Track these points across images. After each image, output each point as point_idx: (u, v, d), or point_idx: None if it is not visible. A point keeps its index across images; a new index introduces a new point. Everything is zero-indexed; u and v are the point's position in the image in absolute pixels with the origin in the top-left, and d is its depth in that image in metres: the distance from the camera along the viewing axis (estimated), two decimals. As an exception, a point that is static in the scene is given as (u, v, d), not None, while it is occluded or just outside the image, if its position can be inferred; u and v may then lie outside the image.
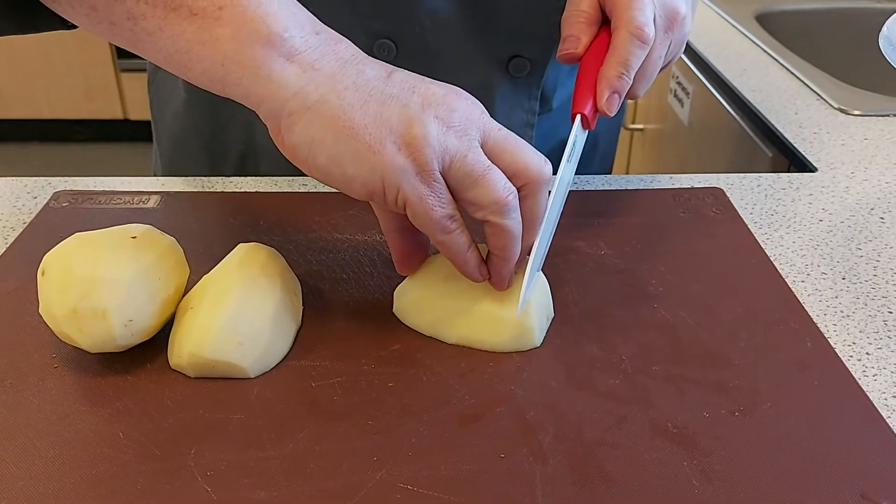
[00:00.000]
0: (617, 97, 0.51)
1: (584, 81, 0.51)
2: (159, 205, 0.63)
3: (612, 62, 0.50)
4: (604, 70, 0.50)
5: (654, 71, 0.53)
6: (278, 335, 0.46)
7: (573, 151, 0.50)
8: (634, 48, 0.50)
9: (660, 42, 0.52)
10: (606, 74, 0.50)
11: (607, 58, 0.50)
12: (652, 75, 0.54)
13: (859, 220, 0.64)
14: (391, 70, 0.43)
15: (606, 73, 0.50)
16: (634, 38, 0.49)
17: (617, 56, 0.50)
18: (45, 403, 0.44)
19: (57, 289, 0.43)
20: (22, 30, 0.48)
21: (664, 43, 0.52)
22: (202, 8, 0.40)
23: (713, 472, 0.40)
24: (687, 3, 0.54)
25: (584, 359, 0.47)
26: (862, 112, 0.86)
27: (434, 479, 0.39)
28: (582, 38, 0.52)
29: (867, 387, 0.46)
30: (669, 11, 0.52)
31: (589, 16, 0.53)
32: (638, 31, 0.49)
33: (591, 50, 0.52)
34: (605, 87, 0.50)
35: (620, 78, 0.50)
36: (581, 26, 0.53)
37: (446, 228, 0.43)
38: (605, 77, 0.50)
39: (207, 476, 0.39)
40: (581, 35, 0.52)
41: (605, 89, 0.50)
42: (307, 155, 0.41)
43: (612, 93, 0.50)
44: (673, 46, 0.54)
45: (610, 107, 0.51)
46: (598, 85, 0.50)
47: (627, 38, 0.49)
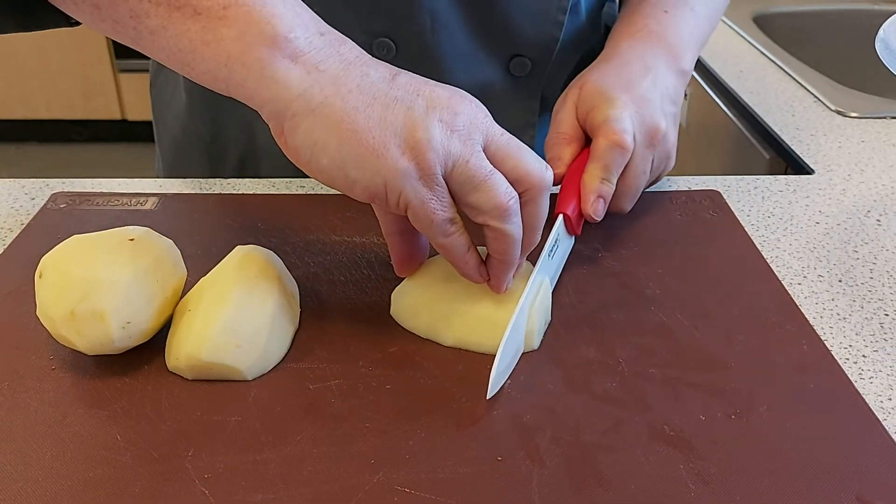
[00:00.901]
0: (602, 202, 0.54)
1: (567, 189, 0.54)
2: (157, 206, 0.63)
3: (592, 169, 0.54)
4: (585, 177, 0.54)
5: (639, 186, 0.57)
6: (276, 337, 0.46)
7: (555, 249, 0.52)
8: (614, 154, 0.53)
9: (641, 157, 0.55)
10: (587, 180, 0.54)
11: (588, 165, 0.54)
12: (637, 190, 0.57)
13: (856, 223, 0.65)
14: (396, 72, 0.43)
15: (587, 179, 0.54)
16: (614, 145, 0.53)
17: (597, 162, 0.53)
18: (42, 405, 0.44)
19: (54, 291, 0.43)
20: (24, 27, 0.48)
21: (646, 158, 0.56)
22: (206, 7, 0.40)
23: (709, 476, 0.40)
24: (667, 118, 0.57)
25: (582, 361, 0.47)
26: (859, 114, 0.86)
27: (431, 481, 0.39)
28: (563, 157, 0.56)
29: (863, 389, 0.46)
30: (649, 128, 0.55)
31: (569, 136, 0.57)
32: (616, 138, 0.53)
33: (575, 164, 0.55)
34: (588, 193, 0.53)
35: (603, 182, 0.53)
36: (562, 147, 0.57)
37: (447, 231, 0.43)
38: (587, 183, 0.54)
39: (205, 479, 0.39)
40: (562, 154, 0.56)
41: (589, 194, 0.53)
42: (310, 157, 0.41)
43: (597, 197, 0.54)
44: (657, 161, 0.57)
45: (595, 211, 0.54)
46: (581, 190, 0.54)
47: (606, 145, 0.53)
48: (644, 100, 0.56)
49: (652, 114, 0.56)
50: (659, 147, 0.56)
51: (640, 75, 0.58)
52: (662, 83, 0.59)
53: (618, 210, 0.56)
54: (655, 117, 0.55)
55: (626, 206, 0.57)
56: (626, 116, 0.54)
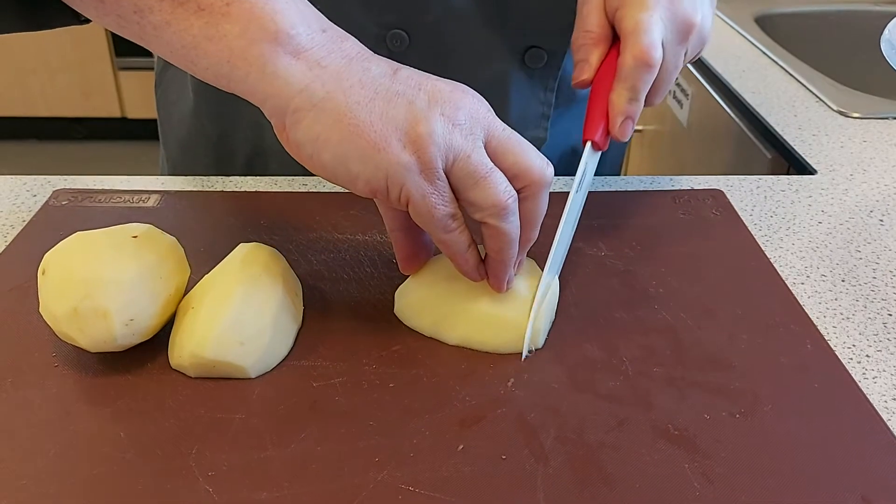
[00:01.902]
0: (630, 122, 0.51)
1: (595, 106, 0.51)
2: (159, 204, 0.62)
3: (620, 88, 0.50)
4: (612, 97, 0.50)
5: (670, 80, 0.53)
6: (279, 335, 0.46)
7: (583, 179, 0.50)
8: (641, 73, 0.49)
9: (673, 54, 0.51)
10: (615, 102, 0.50)
11: (615, 83, 0.50)
12: (668, 85, 0.53)
13: (858, 223, 0.65)
14: (397, 67, 0.43)
15: (615, 100, 0.50)
16: (641, 63, 0.49)
17: (624, 82, 0.50)
18: (45, 403, 0.43)
19: (57, 288, 0.43)
20: (32, 26, 0.48)
21: (678, 54, 0.52)
22: (210, 3, 0.40)
23: (714, 475, 0.40)
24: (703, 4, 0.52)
25: (586, 360, 0.47)
26: (861, 115, 0.86)
27: (435, 480, 0.39)
28: (591, 60, 0.52)
29: (867, 389, 0.46)
30: (681, 24, 0.51)
31: (596, 35, 0.52)
32: (644, 56, 0.49)
33: (602, 71, 0.52)
34: (616, 115, 0.50)
35: (630, 103, 0.50)
36: (589, 48, 0.52)
37: (447, 227, 0.43)
38: (614, 104, 0.50)
39: (209, 476, 0.39)
40: (589, 57, 0.52)
41: (616, 116, 0.50)
42: (312, 152, 0.41)
43: (625, 119, 0.50)
44: (690, 51, 0.53)
45: (623, 133, 0.51)
46: (609, 112, 0.50)
47: (633, 63, 0.49)
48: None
49: (686, 7, 0.51)
50: (693, 39, 0.52)
51: None
52: None
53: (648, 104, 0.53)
54: (689, 10, 0.51)
55: (656, 101, 0.53)
56: (656, 22, 0.50)
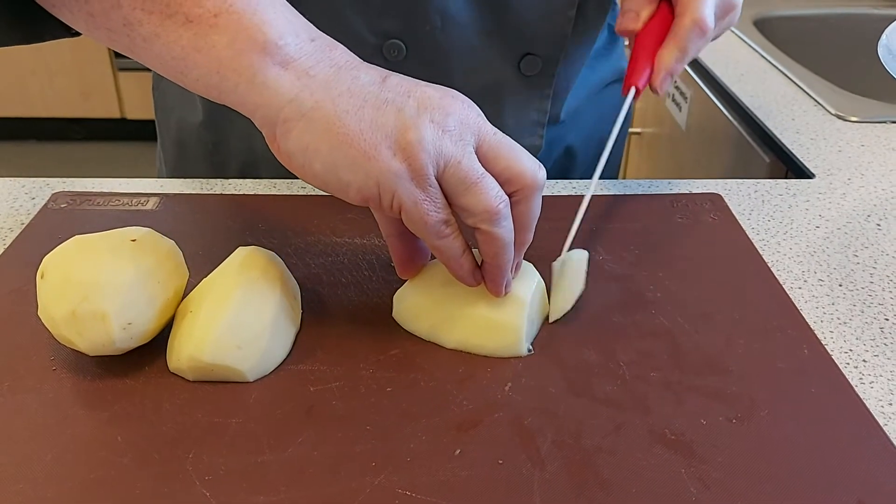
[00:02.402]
0: (670, 79, 0.54)
1: (641, 56, 0.54)
2: (158, 207, 0.63)
3: (672, 46, 0.53)
4: (663, 53, 0.53)
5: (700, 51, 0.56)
6: (277, 339, 0.46)
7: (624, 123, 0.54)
8: (695, 37, 0.53)
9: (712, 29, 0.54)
10: (665, 58, 0.53)
11: (668, 41, 0.53)
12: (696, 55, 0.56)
13: (856, 227, 0.65)
14: (386, 74, 0.43)
15: (665, 56, 0.53)
16: (697, 28, 0.52)
17: (678, 42, 0.53)
18: (43, 406, 0.43)
19: (56, 292, 0.43)
20: (27, 39, 0.48)
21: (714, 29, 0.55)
22: (198, 15, 0.40)
23: (711, 480, 0.40)
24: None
25: (583, 365, 0.47)
26: (859, 119, 0.86)
27: (432, 484, 0.39)
28: (641, 13, 0.55)
29: (864, 394, 0.46)
30: (726, 3, 0.54)
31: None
32: (702, 22, 0.52)
33: (649, 26, 0.55)
34: (662, 69, 0.53)
35: (678, 62, 0.53)
36: (641, 1, 0.55)
37: (441, 233, 0.43)
38: (663, 59, 0.53)
39: (206, 480, 0.39)
40: (640, 10, 0.55)
41: (662, 70, 0.53)
42: (303, 162, 0.41)
43: (668, 75, 0.54)
44: (720, 29, 0.56)
45: (663, 87, 0.54)
46: (656, 65, 0.54)
47: (690, 27, 0.52)
48: None
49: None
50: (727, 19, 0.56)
51: None
52: None
53: None
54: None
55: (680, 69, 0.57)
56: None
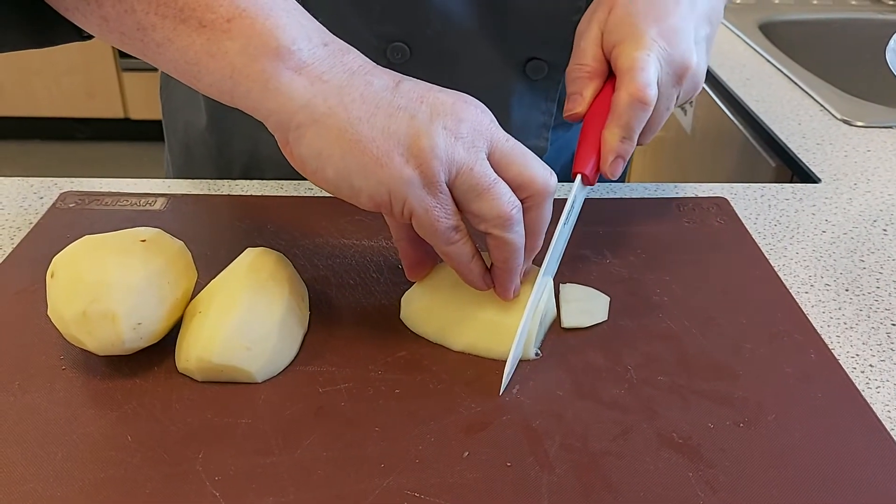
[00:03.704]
0: (621, 161, 0.51)
1: (587, 140, 0.51)
2: (166, 207, 0.63)
3: (613, 126, 0.50)
4: (605, 135, 0.50)
5: (661, 122, 0.53)
6: (286, 340, 0.46)
7: (571, 211, 0.50)
8: (636, 111, 0.49)
9: (667, 96, 0.51)
10: (608, 140, 0.50)
11: (608, 121, 0.50)
12: (658, 125, 0.53)
13: (862, 232, 0.65)
14: (399, 79, 0.43)
15: (608, 138, 0.50)
16: (635, 102, 0.49)
17: (618, 120, 0.50)
18: (52, 406, 0.44)
19: (66, 291, 0.44)
20: (39, 44, 0.48)
21: (671, 96, 0.52)
22: (211, 20, 0.40)
23: (718, 483, 0.40)
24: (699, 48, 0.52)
25: (590, 368, 0.47)
26: (865, 124, 0.86)
27: (440, 486, 0.39)
28: (585, 94, 0.52)
29: (870, 399, 0.46)
30: (678, 67, 0.51)
31: (592, 69, 0.52)
32: (639, 94, 0.49)
33: (596, 104, 0.52)
34: (608, 152, 0.50)
35: (623, 142, 0.50)
36: (584, 82, 0.52)
37: (450, 239, 0.43)
38: (607, 141, 0.50)
39: (215, 481, 0.39)
40: (584, 91, 0.52)
41: (608, 154, 0.50)
42: (315, 167, 0.42)
43: (616, 157, 0.50)
44: (683, 94, 0.53)
45: (614, 171, 0.51)
46: (601, 149, 0.50)
47: (628, 101, 0.49)
48: (675, 32, 0.51)
49: (682, 49, 0.51)
50: (687, 82, 0.52)
51: None
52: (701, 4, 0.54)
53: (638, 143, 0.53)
54: (686, 54, 0.51)
55: (646, 140, 0.54)
56: (652, 61, 0.50)
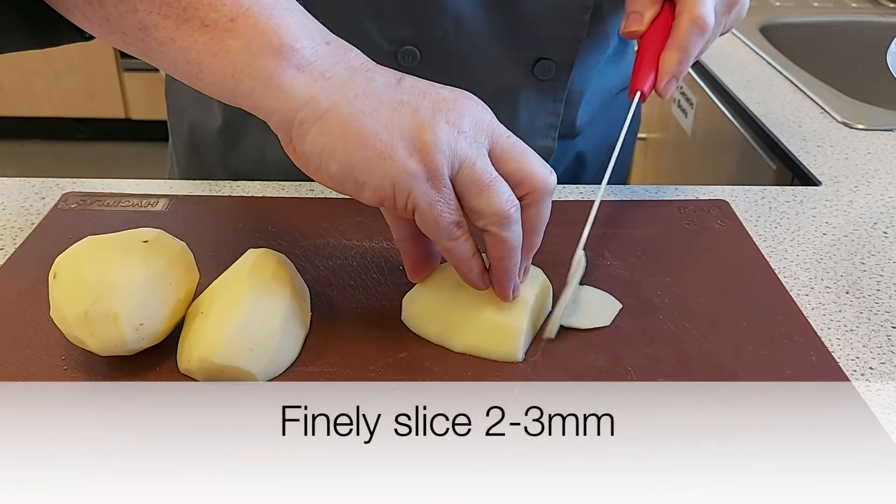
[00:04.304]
0: (675, 81, 0.54)
1: (645, 59, 0.54)
2: (167, 208, 0.63)
3: (672, 49, 0.53)
4: (665, 56, 0.53)
5: (706, 49, 0.55)
6: (287, 341, 0.46)
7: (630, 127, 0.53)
8: (695, 36, 0.52)
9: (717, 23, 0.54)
10: (667, 61, 0.53)
11: (669, 43, 0.53)
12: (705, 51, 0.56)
13: (863, 235, 0.65)
14: (401, 76, 0.43)
15: (667, 59, 0.53)
16: (696, 27, 0.52)
17: (678, 43, 0.52)
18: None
19: (68, 292, 0.44)
20: (40, 44, 0.48)
21: (720, 23, 0.54)
22: (214, 20, 0.41)
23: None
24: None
25: (591, 370, 0.47)
26: (866, 126, 0.86)
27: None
28: (645, 14, 0.55)
29: (871, 402, 0.46)
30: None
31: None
32: (700, 21, 0.52)
33: (654, 27, 0.54)
34: (665, 73, 0.53)
35: (680, 64, 0.53)
36: (645, 3, 0.55)
37: (452, 235, 0.43)
38: (665, 63, 0.53)
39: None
40: (644, 11, 0.55)
41: (665, 74, 0.53)
42: (319, 163, 0.42)
43: (672, 78, 0.53)
44: (728, 24, 0.56)
45: (668, 91, 0.54)
46: (659, 69, 0.53)
47: (689, 26, 0.52)
48: None
49: None
50: (734, 12, 0.55)
51: None
52: None
53: None
54: None
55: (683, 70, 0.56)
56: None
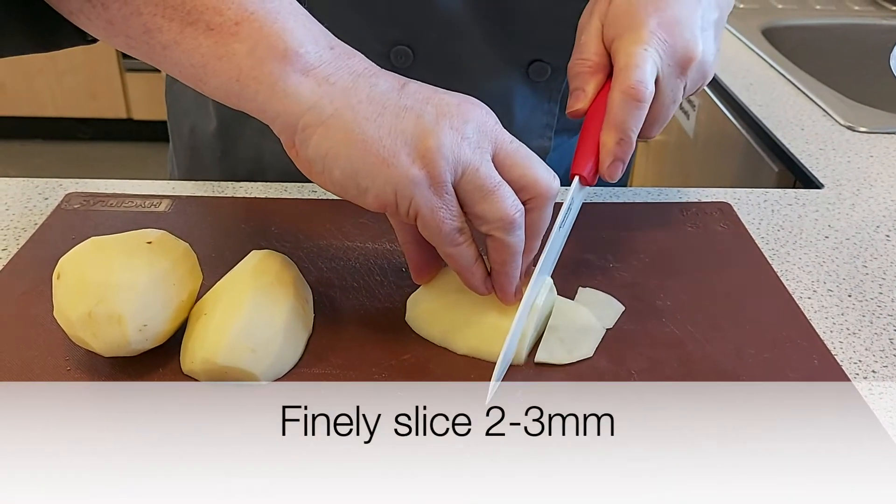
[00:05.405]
0: (620, 164, 0.49)
1: (586, 140, 0.49)
2: (170, 209, 0.63)
3: (608, 128, 0.48)
4: (602, 137, 0.48)
5: (667, 115, 0.51)
6: (290, 343, 0.46)
7: (568, 213, 0.49)
8: (631, 109, 0.47)
9: (671, 87, 0.49)
10: (605, 142, 0.48)
11: (605, 122, 0.48)
12: (664, 119, 0.51)
13: (865, 238, 0.65)
14: (405, 82, 0.43)
15: (605, 140, 0.48)
16: (629, 99, 0.47)
17: (613, 120, 0.48)
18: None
19: (72, 293, 0.44)
20: (43, 48, 0.48)
21: (677, 87, 0.50)
22: (219, 23, 0.41)
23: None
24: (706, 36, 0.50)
25: (594, 372, 0.47)
26: (868, 129, 0.86)
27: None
28: (587, 90, 0.50)
29: (873, 405, 0.46)
30: (681, 58, 0.49)
31: (594, 64, 0.50)
32: (632, 91, 0.47)
33: (598, 101, 0.50)
34: (605, 155, 0.48)
35: (620, 144, 0.48)
36: (585, 77, 0.51)
37: (455, 241, 0.43)
38: (604, 145, 0.48)
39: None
40: (586, 87, 0.50)
41: (605, 157, 0.48)
42: (322, 168, 0.42)
43: (614, 160, 0.49)
44: (691, 84, 0.51)
45: (612, 174, 0.49)
46: (600, 151, 0.49)
47: (621, 100, 0.47)
48: (677, 22, 0.49)
49: (686, 39, 0.49)
50: (692, 72, 0.50)
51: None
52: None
53: (644, 137, 0.51)
54: (689, 44, 0.49)
55: (652, 133, 0.51)
56: (650, 56, 0.48)
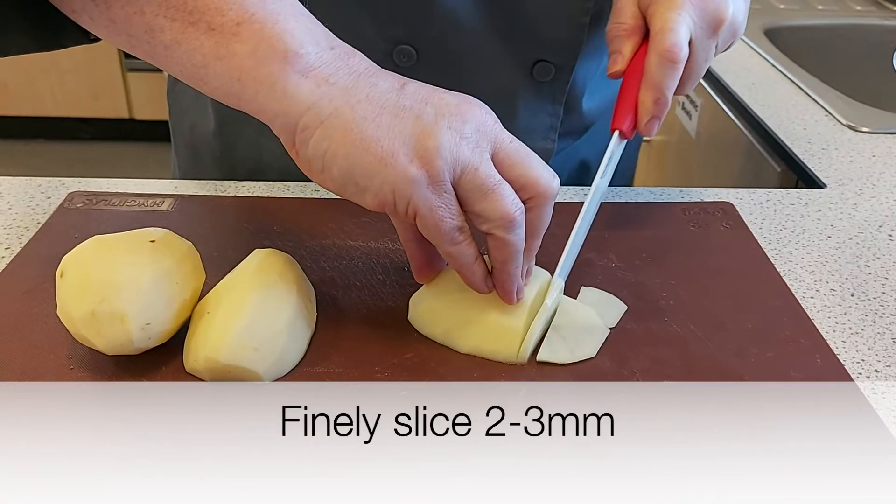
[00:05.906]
0: (656, 121, 0.53)
1: (625, 98, 0.53)
2: (173, 208, 0.63)
3: (647, 88, 0.52)
4: (641, 96, 0.52)
5: (700, 73, 0.54)
6: (293, 341, 0.47)
7: (608, 166, 0.52)
8: (666, 70, 0.51)
9: (703, 48, 0.53)
10: (643, 101, 0.52)
11: (643, 82, 0.52)
12: (697, 77, 0.55)
13: (867, 237, 0.65)
14: (404, 81, 0.43)
15: (643, 99, 0.52)
16: (665, 62, 0.50)
17: (650, 80, 0.52)
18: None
19: (75, 291, 0.44)
20: (45, 47, 0.48)
21: (708, 47, 0.53)
22: (220, 24, 0.41)
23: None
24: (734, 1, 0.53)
25: (596, 371, 0.47)
26: (870, 129, 0.86)
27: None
28: (624, 52, 0.54)
29: (876, 405, 0.46)
30: (712, 20, 0.52)
31: (630, 27, 0.54)
32: (668, 54, 0.50)
33: (634, 62, 0.53)
34: (643, 113, 0.52)
35: (657, 103, 0.52)
36: (622, 40, 0.54)
37: (454, 240, 0.43)
38: (642, 103, 0.52)
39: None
40: (622, 49, 0.54)
41: (644, 115, 0.52)
42: (321, 168, 0.42)
43: (651, 118, 0.52)
44: (721, 45, 0.54)
45: (649, 130, 0.53)
46: (638, 110, 0.53)
47: (658, 63, 0.51)
48: None
49: (717, 3, 0.52)
50: (723, 33, 0.53)
51: None
52: None
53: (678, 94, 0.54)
54: (720, 7, 0.52)
55: (686, 90, 0.55)
56: (684, 20, 0.51)
